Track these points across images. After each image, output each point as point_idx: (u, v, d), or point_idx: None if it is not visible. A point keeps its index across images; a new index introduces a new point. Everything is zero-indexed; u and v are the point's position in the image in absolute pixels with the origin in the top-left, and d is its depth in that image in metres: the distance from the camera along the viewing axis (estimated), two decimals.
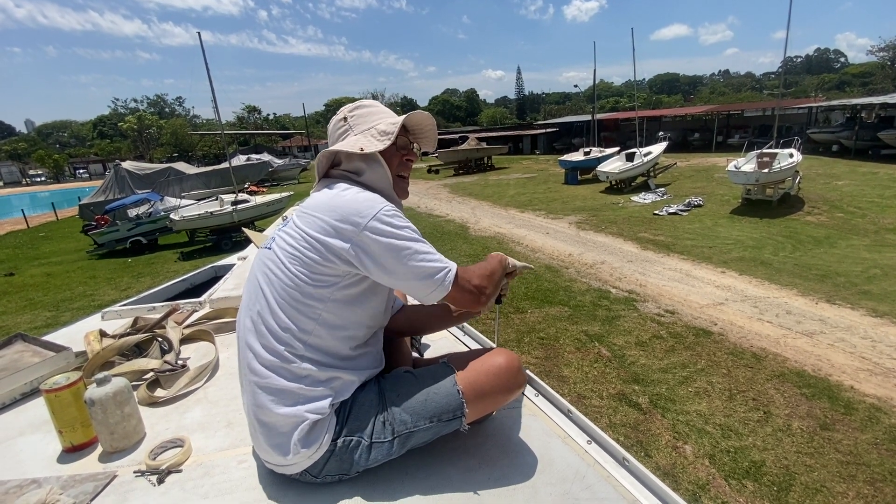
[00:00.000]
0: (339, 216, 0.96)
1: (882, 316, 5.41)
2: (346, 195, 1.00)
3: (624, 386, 4.17)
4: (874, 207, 10.68)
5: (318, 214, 0.99)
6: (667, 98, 72.53)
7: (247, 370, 1.00)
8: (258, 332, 0.99)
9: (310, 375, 0.97)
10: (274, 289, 0.99)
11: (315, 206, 1.01)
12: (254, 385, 0.98)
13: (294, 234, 1.00)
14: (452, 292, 0.99)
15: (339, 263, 0.96)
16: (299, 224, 1.01)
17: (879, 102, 20.67)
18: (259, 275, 1.04)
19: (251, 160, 26.93)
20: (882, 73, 43.02)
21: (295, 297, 0.97)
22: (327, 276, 0.97)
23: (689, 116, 32.59)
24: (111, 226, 13.06)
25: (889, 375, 4.20)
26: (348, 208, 0.97)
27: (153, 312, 2.06)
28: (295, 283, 0.97)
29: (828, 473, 3.08)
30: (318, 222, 0.98)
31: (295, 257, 0.98)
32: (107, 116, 67.56)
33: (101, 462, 1.14)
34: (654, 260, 8.06)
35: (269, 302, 0.99)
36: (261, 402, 0.97)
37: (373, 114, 1.15)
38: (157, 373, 1.48)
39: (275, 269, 1.00)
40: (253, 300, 1.03)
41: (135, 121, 52.28)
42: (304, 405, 0.95)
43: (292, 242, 1.00)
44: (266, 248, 1.07)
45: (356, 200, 0.98)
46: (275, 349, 0.97)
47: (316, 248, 0.96)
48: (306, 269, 0.97)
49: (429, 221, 12.97)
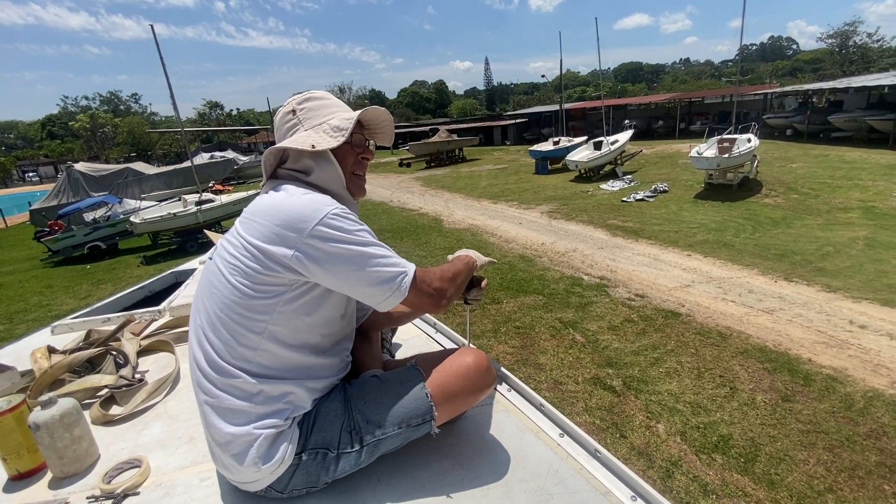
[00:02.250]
0: (282, 221, 0.89)
1: (835, 291, 5.71)
2: (291, 198, 0.93)
3: (598, 370, 4.26)
4: (826, 188, 11.25)
5: (259, 220, 0.92)
6: (631, 86, 74.09)
7: (196, 388, 0.95)
8: (203, 349, 0.94)
9: (261, 392, 0.91)
10: (216, 303, 0.93)
11: (257, 211, 0.94)
12: (204, 404, 0.93)
13: (234, 243, 0.94)
14: (410, 296, 0.94)
15: (282, 272, 0.89)
16: (240, 231, 0.94)
17: (829, 88, 21.73)
18: (202, 288, 0.98)
19: (215, 158, 26.10)
20: (831, 59, 45.15)
21: (237, 312, 0.90)
22: (271, 286, 0.90)
23: (653, 104, 33.40)
24: (66, 231, 12.40)
25: (843, 347, 4.45)
26: (292, 212, 0.89)
27: (108, 324, 1.95)
28: (237, 296, 0.90)
29: (790, 443, 3.24)
30: (260, 228, 0.91)
31: (235, 268, 0.91)
32: (56, 115, 63.74)
33: (52, 489, 1.07)
34: (623, 246, 8.25)
35: (211, 317, 0.93)
36: (212, 423, 0.92)
37: (325, 107, 1.05)
38: (112, 389, 1.40)
39: (215, 282, 0.94)
40: (196, 315, 0.97)
41: (87, 119, 49.54)
42: (256, 422, 0.90)
43: (232, 251, 0.93)
44: (209, 259, 1.01)
45: (300, 203, 0.91)
46: (220, 367, 0.91)
47: (256, 256, 0.89)
48: (247, 280, 0.90)
49: (402, 215, 12.88)
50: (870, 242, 7.44)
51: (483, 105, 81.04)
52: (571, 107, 33.26)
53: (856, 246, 7.34)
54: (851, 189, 10.91)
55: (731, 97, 26.66)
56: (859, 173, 12.25)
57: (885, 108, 17.82)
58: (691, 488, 2.89)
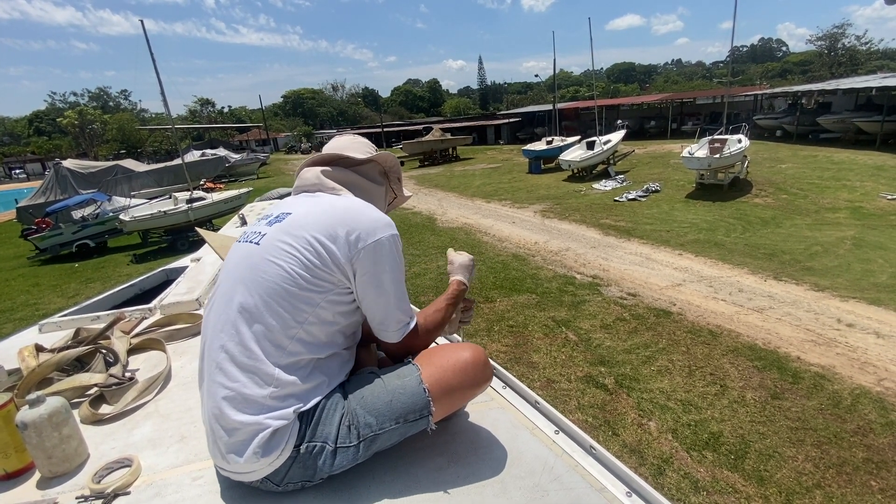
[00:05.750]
0: (351, 226, 0.99)
1: (823, 290, 5.79)
2: (366, 209, 1.06)
3: (591, 368, 4.29)
4: (814, 188, 11.41)
5: (327, 219, 1.00)
6: (624, 87, 74.49)
7: (216, 371, 0.94)
8: (238, 330, 0.94)
9: (282, 382, 0.92)
10: (263, 289, 0.95)
11: (325, 210, 1.03)
12: (219, 387, 0.92)
13: (295, 234, 0.98)
14: (405, 340, 1.06)
15: (335, 272, 0.97)
16: (302, 223, 1.00)
17: (818, 89, 22.03)
18: (241, 273, 0.99)
19: (206, 155, 25.85)
20: (820, 60, 45.68)
21: (285, 299, 0.94)
22: (324, 281, 0.97)
23: (645, 105, 33.62)
24: (54, 229, 12.21)
25: (831, 345, 4.52)
26: (364, 222, 1.01)
27: (97, 322, 1.92)
28: (290, 285, 0.94)
29: (779, 439, 3.28)
30: (326, 226, 0.98)
31: (294, 257, 0.96)
32: (44, 112, 62.69)
33: (40, 489, 1.05)
34: (615, 245, 8.30)
35: (257, 302, 0.94)
36: (223, 408, 0.91)
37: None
38: (102, 388, 1.38)
39: (264, 268, 0.96)
40: (232, 297, 0.97)
41: (75, 116, 48.74)
42: (268, 413, 0.90)
43: (291, 241, 0.97)
44: (252, 244, 1.02)
45: (374, 217, 1.04)
46: (253, 351, 0.92)
47: (318, 251, 0.96)
48: (306, 272, 0.95)
49: (396, 214, 12.74)
50: (857, 242, 7.55)
51: (476, 104, 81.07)
52: (564, 106, 33.39)
53: (843, 246, 7.45)
54: (839, 189, 11.08)
55: (722, 98, 26.91)
56: (847, 174, 12.44)
57: (872, 109, 18.08)
58: (682, 485, 2.92)
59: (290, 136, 54.85)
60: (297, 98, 74.72)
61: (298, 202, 1.08)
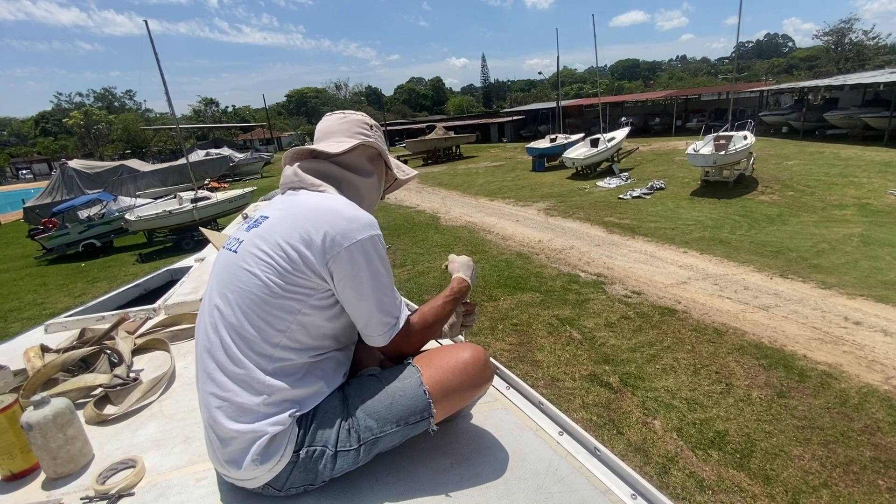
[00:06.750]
0: (327, 228, 0.93)
1: (830, 287, 5.74)
2: (346, 208, 0.98)
3: (595, 367, 4.27)
4: (821, 185, 11.30)
5: (300, 221, 0.94)
6: (628, 84, 74.04)
7: (207, 381, 0.93)
8: (221, 340, 0.92)
9: (274, 389, 0.91)
10: (242, 297, 0.92)
11: (299, 211, 0.97)
12: (211, 397, 0.92)
13: (268, 239, 0.94)
14: (395, 341, 1.01)
15: (312, 276, 0.92)
16: (275, 227, 0.95)
17: (824, 85, 21.79)
18: (222, 280, 0.97)
19: (210, 155, 25.91)
20: (826, 56, 45.21)
21: (263, 308, 0.91)
22: (301, 287, 0.92)
23: (649, 102, 33.38)
24: (60, 229, 12.31)
25: (838, 343, 4.48)
26: (340, 222, 0.94)
27: (102, 322, 1.93)
28: (265, 293, 0.91)
29: (785, 438, 3.26)
30: (299, 229, 0.93)
31: (268, 265, 0.92)
32: (50, 112, 63.13)
33: (45, 490, 1.05)
34: (620, 243, 8.26)
35: (235, 311, 0.92)
36: (217, 418, 0.91)
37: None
38: (106, 388, 1.38)
39: (242, 276, 0.93)
40: (214, 306, 0.96)
41: (81, 116, 49.07)
42: (262, 420, 0.89)
43: (264, 248, 0.93)
44: (230, 251, 0.99)
45: (349, 216, 0.96)
46: (239, 360, 0.91)
47: (291, 257, 0.91)
48: (280, 279, 0.91)
49: (399, 213, 12.85)
50: (865, 239, 7.48)
51: (480, 102, 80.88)
52: (568, 104, 33.25)
53: (851, 243, 7.38)
54: (847, 186, 10.97)
55: (727, 94, 26.66)
56: (854, 170, 12.32)
57: (880, 105, 17.87)
58: (688, 484, 2.90)
59: (294, 135, 55.02)
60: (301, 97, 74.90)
61: (278, 203, 1.05)
